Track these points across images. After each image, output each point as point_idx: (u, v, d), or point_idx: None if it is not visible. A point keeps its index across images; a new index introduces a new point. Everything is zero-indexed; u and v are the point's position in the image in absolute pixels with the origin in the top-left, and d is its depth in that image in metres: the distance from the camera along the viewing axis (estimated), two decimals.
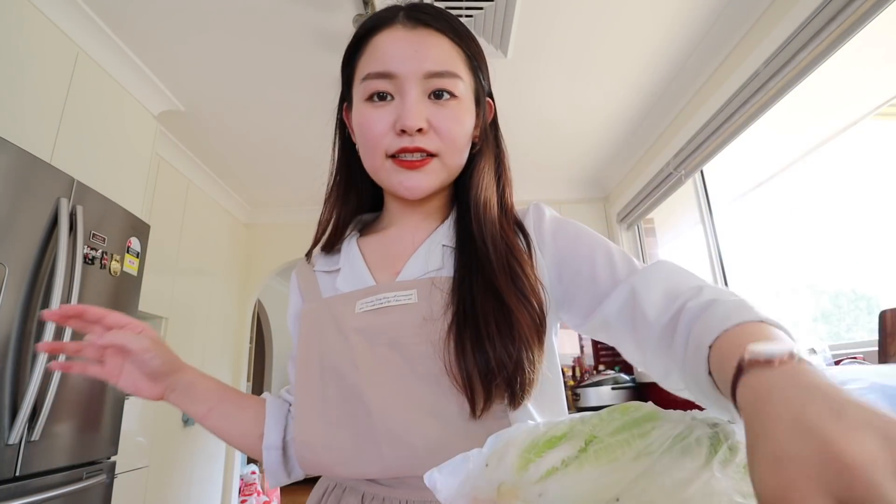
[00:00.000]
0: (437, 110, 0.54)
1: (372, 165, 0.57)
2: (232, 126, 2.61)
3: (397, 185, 0.56)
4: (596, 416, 0.33)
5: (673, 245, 3.13)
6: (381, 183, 0.59)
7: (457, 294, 0.53)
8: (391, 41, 0.55)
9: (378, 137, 0.54)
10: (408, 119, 0.52)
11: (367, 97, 0.55)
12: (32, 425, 1.32)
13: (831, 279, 1.99)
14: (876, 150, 1.84)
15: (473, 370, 0.48)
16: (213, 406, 0.63)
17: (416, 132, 0.53)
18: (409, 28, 0.55)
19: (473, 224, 0.57)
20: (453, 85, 0.55)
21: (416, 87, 0.54)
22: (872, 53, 1.66)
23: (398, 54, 0.54)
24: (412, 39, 0.55)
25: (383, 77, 0.54)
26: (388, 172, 0.56)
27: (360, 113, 0.56)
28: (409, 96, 0.53)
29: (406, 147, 0.54)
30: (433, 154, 0.55)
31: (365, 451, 0.51)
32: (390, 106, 0.54)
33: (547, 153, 3.09)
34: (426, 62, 0.54)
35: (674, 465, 0.28)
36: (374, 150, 0.55)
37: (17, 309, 1.31)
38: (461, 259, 0.56)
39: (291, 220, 3.72)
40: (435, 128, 0.54)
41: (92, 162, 1.82)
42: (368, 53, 0.56)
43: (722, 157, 2.27)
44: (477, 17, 1.91)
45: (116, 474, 1.70)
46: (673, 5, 1.89)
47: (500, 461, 0.32)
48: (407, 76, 0.53)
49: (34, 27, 1.61)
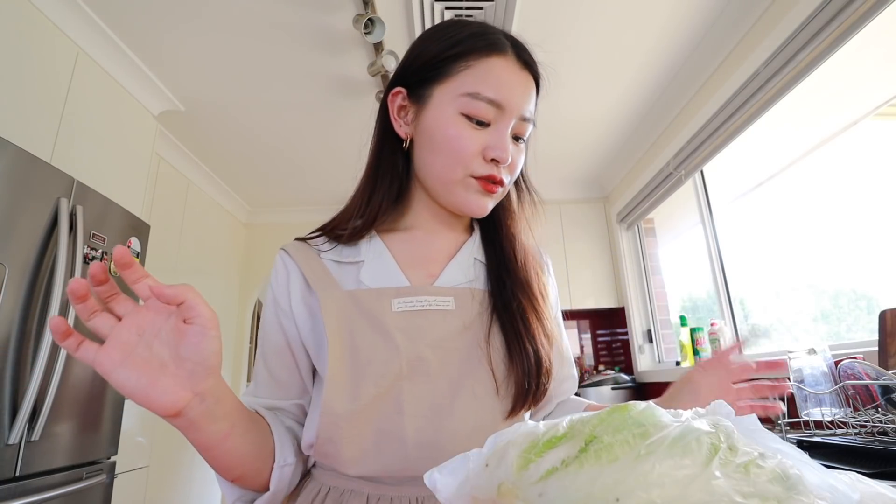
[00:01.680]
0: (515, 150, 0.60)
1: (448, 177, 0.59)
2: (232, 126, 2.61)
3: (471, 203, 0.59)
4: (596, 416, 0.33)
5: (673, 245, 3.13)
6: (449, 194, 0.60)
7: (496, 307, 0.59)
8: (509, 73, 0.58)
9: (469, 156, 0.57)
10: (504, 153, 0.57)
11: (468, 114, 0.57)
12: (32, 425, 1.32)
13: (831, 279, 1.99)
14: (876, 150, 1.84)
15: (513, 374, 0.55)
16: (235, 422, 0.49)
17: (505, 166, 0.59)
18: (521, 66, 0.59)
19: (507, 247, 0.65)
20: (529, 131, 0.62)
21: (512, 124, 0.58)
22: (872, 53, 1.66)
23: (513, 90, 0.57)
24: (523, 80, 0.59)
25: (494, 105, 0.56)
26: (466, 189, 0.59)
27: (454, 124, 0.57)
28: (506, 132, 0.58)
29: (493, 176, 0.58)
30: (504, 185, 0.60)
31: (389, 448, 0.52)
32: (485, 132, 0.57)
33: (547, 153, 3.09)
34: (526, 106, 0.59)
35: (674, 465, 0.28)
36: (457, 163, 0.57)
37: (17, 309, 1.31)
38: (495, 274, 0.63)
39: (291, 220, 3.72)
40: (512, 165, 0.60)
41: (92, 162, 1.82)
42: (480, 71, 0.57)
43: (722, 157, 2.27)
44: (477, 17, 1.91)
45: (116, 474, 1.70)
46: (672, 5, 1.89)
47: (500, 461, 0.32)
48: (512, 113, 0.57)
49: (34, 27, 1.61)
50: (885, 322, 1.17)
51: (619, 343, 3.39)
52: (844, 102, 1.89)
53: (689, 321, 2.55)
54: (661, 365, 3.00)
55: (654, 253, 3.21)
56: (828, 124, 1.96)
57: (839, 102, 1.91)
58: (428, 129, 0.59)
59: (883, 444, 0.93)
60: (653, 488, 0.27)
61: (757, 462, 0.29)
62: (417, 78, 0.60)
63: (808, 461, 0.31)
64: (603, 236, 3.46)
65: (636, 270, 3.24)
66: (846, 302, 1.97)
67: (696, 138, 2.30)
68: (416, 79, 0.60)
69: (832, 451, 1.00)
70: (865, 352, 1.29)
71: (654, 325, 3.09)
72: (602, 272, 3.37)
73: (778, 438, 0.33)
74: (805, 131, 2.07)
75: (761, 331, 2.10)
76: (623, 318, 3.24)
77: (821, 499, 0.27)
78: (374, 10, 1.81)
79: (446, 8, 1.85)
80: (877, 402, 1.04)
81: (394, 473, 0.52)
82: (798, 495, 0.27)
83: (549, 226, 3.46)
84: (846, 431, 1.07)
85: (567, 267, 3.35)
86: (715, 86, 2.14)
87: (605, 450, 0.30)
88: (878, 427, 1.00)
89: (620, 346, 3.37)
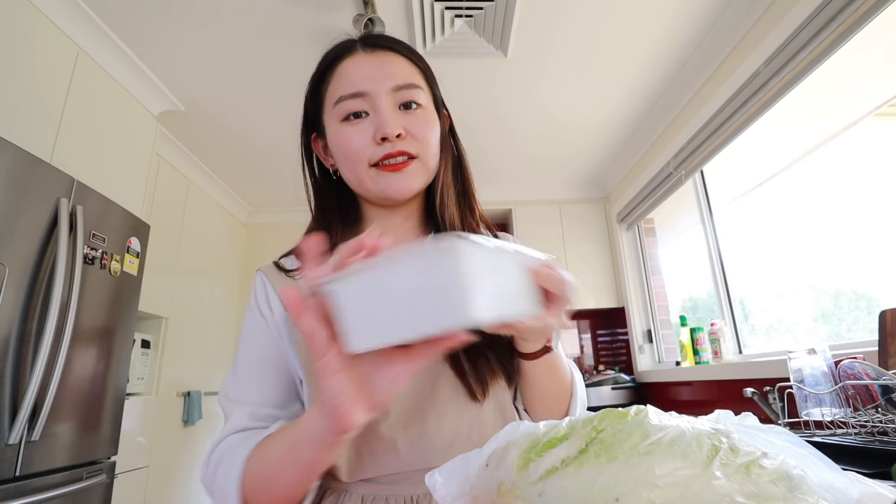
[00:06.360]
0: (408, 119, 0.59)
1: (357, 177, 0.60)
2: (232, 126, 2.61)
3: (385, 188, 0.59)
4: (596, 417, 0.33)
5: (673, 245, 3.13)
6: (368, 192, 0.61)
7: None
8: (357, 65, 0.60)
9: (361, 150, 0.58)
10: (387, 127, 0.57)
11: (344, 118, 0.59)
12: (32, 425, 1.32)
13: (831, 279, 1.99)
14: (876, 150, 1.84)
15: (463, 359, 0.55)
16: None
17: (396, 138, 0.58)
18: (369, 52, 0.61)
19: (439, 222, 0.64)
20: (417, 95, 0.61)
21: (388, 100, 0.59)
22: (872, 53, 1.66)
23: (366, 74, 0.59)
24: (375, 61, 0.60)
25: (356, 97, 0.58)
26: (373, 179, 0.59)
27: (338, 133, 0.60)
28: (382, 109, 0.58)
29: (389, 153, 0.58)
30: (413, 156, 0.59)
31: (381, 452, 0.53)
32: (366, 122, 0.59)
33: (547, 153, 3.09)
34: (392, 78, 0.59)
35: (674, 465, 0.28)
36: (357, 162, 0.59)
37: (17, 309, 1.31)
38: None
39: (291, 220, 3.71)
40: (411, 133, 0.59)
41: (92, 162, 1.82)
42: (336, 80, 0.61)
43: (722, 157, 2.27)
44: (477, 17, 1.91)
45: (116, 474, 1.70)
46: (673, 5, 1.89)
47: (500, 461, 0.32)
48: (378, 92, 0.58)
49: (34, 27, 1.61)
50: (885, 322, 1.17)
51: (620, 343, 3.39)
52: (844, 102, 1.89)
53: (690, 321, 2.55)
54: (661, 365, 3.00)
55: (655, 253, 3.21)
56: (828, 124, 1.96)
57: (839, 102, 1.91)
58: (333, 150, 0.62)
59: (883, 444, 0.93)
60: (653, 488, 0.27)
61: (759, 462, 0.29)
62: (312, 116, 0.66)
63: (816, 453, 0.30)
64: (603, 236, 3.47)
65: (636, 270, 3.25)
66: (846, 302, 1.97)
67: (696, 138, 2.30)
68: (312, 118, 0.66)
69: (832, 451, 1.00)
70: (865, 352, 1.29)
71: (654, 325, 3.09)
72: (602, 272, 3.37)
73: (784, 432, 0.33)
74: (805, 131, 2.07)
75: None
76: (623, 318, 3.24)
77: (824, 499, 0.27)
78: (374, 10, 1.81)
79: (446, 8, 1.85)
80: (877, 402, 1.04)
81: (387, 472, 0.53)
82: (802, 495, 0.27)
83: (550, 226, 3.46)
84: (846, 431, 1.07)
85: (567, 267, 3.34)
86: (715, 86, 2.14)
87: (604, 450, 0.30)
88: (878, 427, 0.99)
89: (620, 346, 3.37)
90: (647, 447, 0.29)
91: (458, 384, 0.55)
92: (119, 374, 1.74)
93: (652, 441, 0.30)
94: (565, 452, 0.31)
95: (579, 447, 0.31)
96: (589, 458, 0.30)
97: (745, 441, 0.30)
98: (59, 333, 1.39)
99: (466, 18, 1.91)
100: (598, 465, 0.29)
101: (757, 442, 0.31)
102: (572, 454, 0.30)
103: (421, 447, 0.53)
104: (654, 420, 0.32)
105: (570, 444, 0.31)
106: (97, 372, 1.61)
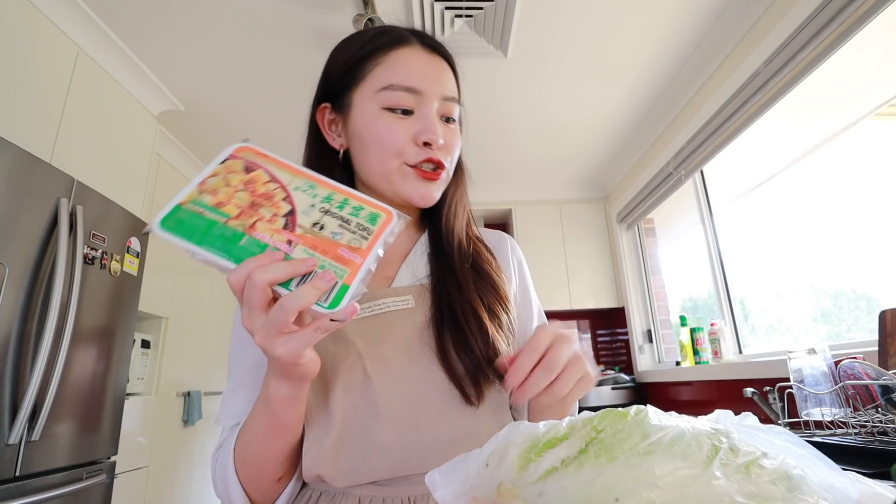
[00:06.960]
0: (446, 131, 0.60)
1: (384, 169, 0.58)
2: (232, 126, 2.61)
3: (412, 192, 0.59)
4: (596, 417, 0.33)
5: (673, 245, 3.13)
6: (390, 186, 0.59)
7: (436, 297, 0.59)
8: (417, 60, 0.59)
9: (400, 144, 0.57)
10: (434, 134, 0.57)
11: (388, 107, 0.57)
12: (32, 425, 1.32)
13: (831, 279, 1.99)
14: (876, 150, 1.84)
15: (457, 363, 0.55)
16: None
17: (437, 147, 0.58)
18: (428, 52, 0.61)
19: (444, 234, 0.64)
20: (456, 111, 0.62)
21: (436, 107, 0.59)
22: (872, 53, 1.66)
23: (423, 73, 0.58)
24: (433, 63, 0.60)
25: (410, 91, 0.57)
26: (403, 178, 0.58)
27: (378, 119, 0.57)
28: (432, 114, 0.58)
29: (431, 158, 0.58)
30: (444, 168, 0.60)
31: (376, 456, 0.52)
32: (410, 120, 0.58)
33: (547, 153, 3.09)
34: (445, 87, 0.60)
35: (674, 465, 0.28)
36: (390, 153, 0.57)
37: (17, 309, 1.31)
38: (436, 264, 0.63)
39: None
40: (447, 145, 0.60)
41: (92, 162, 1.82)
42: (389, 65, 0.59)
43: (722, 157, 2.27)
44: (477, 17, 1.91)
45: (116, 474, 1.70)
46: (673, 5, 1.89)
47: (500, 461, 0.32)
48: (431, 95, 0.58)
49: (34, 27, 1.61)
50: (885, 322, 1.17)
51: (620, 343, 3.39)
52: (844, 102, 1.89)
53: (689, 321, 2.55)
54: (661, 365, 3.00)
55: (654, 253, 3.21)
56: (828, 124, 1.96)
57: (839, 102, 1.91)
58: (357, 132, 0.60)
59: (883, 444, 0.93)
60: (653, 488, 0.27)
61: (759, 462, 0.29)
62: (336, 88, 0.62)
63: (816, 453, 0.30)
64: (603, 236, 3.46)
65: (636, 270, 3.25)
66: (846, 302, 1.97)
67: (696, 138, 2.30)
68: (336, 90, 0.62)
69: (832, 451, 1.00)
70: (865, 352, 1.29)
71: (654, 325, 3.09)
72: (602, 272, 3.37)
73: (784, 432, 0.33)
74: (805, 131, 2.07)
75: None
76: (623, 318, 3.24)
77: (824, 499, 0.27)
78: (374, 10, 1.81)
79: (446, 8, 1.85)
80: (877, 402, 1.04)
81: (383, 476, 0.53)
82: (802, 495, 0.27)
83: (550, 226, 3.46)
84: (846, 431, 1.07)
85: (567, 267, 3.35)
86: (715, 86, 2.14)
87: (604, 450, 0.30)
88: (878, 427, 0.99)
89: (620, 345, 3.37)
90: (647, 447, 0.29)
91: (452, 388, 0.55)
92: (119, 374, 1.74)
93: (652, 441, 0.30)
94: (565, 452, 0.31)
95: (579, 447, 0.31)
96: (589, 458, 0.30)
97: (744, 441, 0.30)
98: (59, 333, 1.39)
99: (466, 18, 1.91)
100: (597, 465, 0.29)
101: (757, 442, 0.31)
102: (572, 454, 0.30)
103: (416, 451, 0.52)
104: (653, 420, 0.32)
105: (570, 444, 0.31)
106: (97, 372, 1.61)
